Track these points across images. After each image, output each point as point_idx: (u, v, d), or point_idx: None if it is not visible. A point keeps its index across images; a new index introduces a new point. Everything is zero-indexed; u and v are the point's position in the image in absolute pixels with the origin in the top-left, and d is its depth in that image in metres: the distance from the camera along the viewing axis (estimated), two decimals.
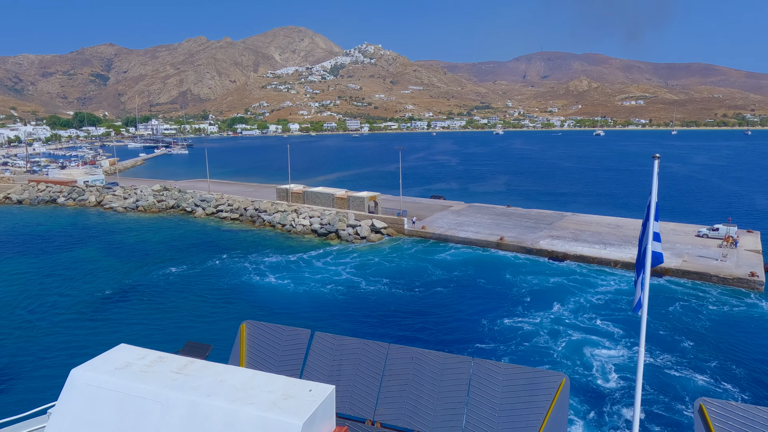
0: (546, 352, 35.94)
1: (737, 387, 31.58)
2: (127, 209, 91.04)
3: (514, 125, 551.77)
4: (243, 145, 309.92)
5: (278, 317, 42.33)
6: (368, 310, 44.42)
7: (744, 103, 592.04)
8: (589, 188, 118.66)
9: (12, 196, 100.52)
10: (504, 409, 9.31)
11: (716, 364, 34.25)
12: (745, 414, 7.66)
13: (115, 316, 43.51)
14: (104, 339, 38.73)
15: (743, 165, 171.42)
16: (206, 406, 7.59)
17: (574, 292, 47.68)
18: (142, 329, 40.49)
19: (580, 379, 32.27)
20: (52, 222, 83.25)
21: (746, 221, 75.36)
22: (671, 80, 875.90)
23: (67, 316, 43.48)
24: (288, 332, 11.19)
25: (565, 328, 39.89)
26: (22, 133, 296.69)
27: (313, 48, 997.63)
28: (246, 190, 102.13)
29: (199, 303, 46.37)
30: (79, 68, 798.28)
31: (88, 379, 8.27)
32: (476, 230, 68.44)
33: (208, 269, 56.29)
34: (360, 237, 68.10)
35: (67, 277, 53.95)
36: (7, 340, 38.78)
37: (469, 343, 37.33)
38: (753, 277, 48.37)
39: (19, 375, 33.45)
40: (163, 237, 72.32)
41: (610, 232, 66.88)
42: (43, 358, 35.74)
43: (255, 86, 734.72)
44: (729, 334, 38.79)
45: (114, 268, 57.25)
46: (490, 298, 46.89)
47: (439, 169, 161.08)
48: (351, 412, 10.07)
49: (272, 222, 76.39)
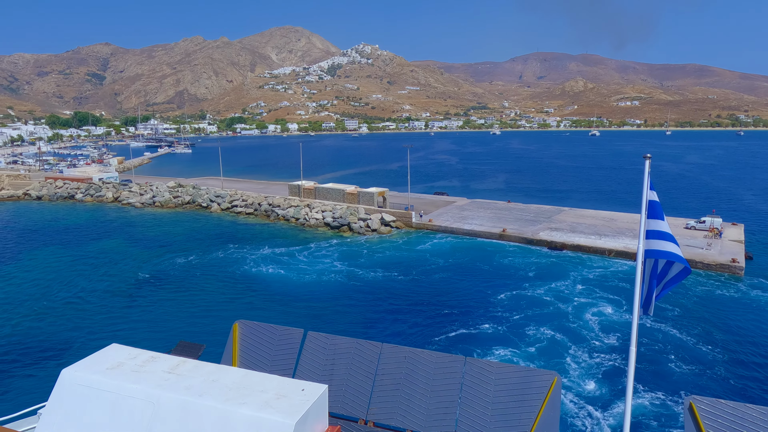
0: (548, 318, 40.45)
1: (716, 350, 36.19)
2: (145, 205, 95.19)
3: (510, 125, 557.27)
4: (243, 145, 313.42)
5: (311, 297, 46.76)
6: (391, 289, 48.91)
7: (738, 104, 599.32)
8: (584, 185, 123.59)
9: (31, 192, 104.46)
10: (496, 407, 9.42)
11: (698, 332, 38.90)
12: (735, 412, 7.74)
13: (151, 295, 47.77)
14: (144, 317, 43.14)
15: (733, 164, 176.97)
16: (198, 406, 7.64)
17: (570, 274, 52.42)
18: (175, 310, 44.84)
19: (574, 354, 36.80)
20: (75, 217, 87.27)
21: (732, 215, 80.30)
22: (666, 81, 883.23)
23: (106, 299, 47.77)
24: (281, 332, 11.26)
25: (565, 297, 44.55)
26: (24, 133, 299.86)
27: (309, 48, 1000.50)
28: (256, 187, 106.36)
29: (230, 286, 50.65)
30: (75, 68, 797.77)
31: (79, 379, 8.29)
32: (480, 223, 73.02)
33: (229, 257, 60.56)
34: (371, 229, 72.53)
35: (97, 265, 58.10)
36: (57, 321, 43.05)
37: (484, 311, 41.88)
38: (734, 263, 53.15)
39: (71, 347, 37.67)
40: (184, 229, 76.54)
41: (604, 224, 71.56)
42: (95, 332, 40.02)
43: (252, 86, 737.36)
44: (710, 310, 43.48)
45: (143, 257, 61.42)
46: (498, 279, 51.72)
47: (439, 168, 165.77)
48: (344, 411, 10.15)
49: (286, 216, 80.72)
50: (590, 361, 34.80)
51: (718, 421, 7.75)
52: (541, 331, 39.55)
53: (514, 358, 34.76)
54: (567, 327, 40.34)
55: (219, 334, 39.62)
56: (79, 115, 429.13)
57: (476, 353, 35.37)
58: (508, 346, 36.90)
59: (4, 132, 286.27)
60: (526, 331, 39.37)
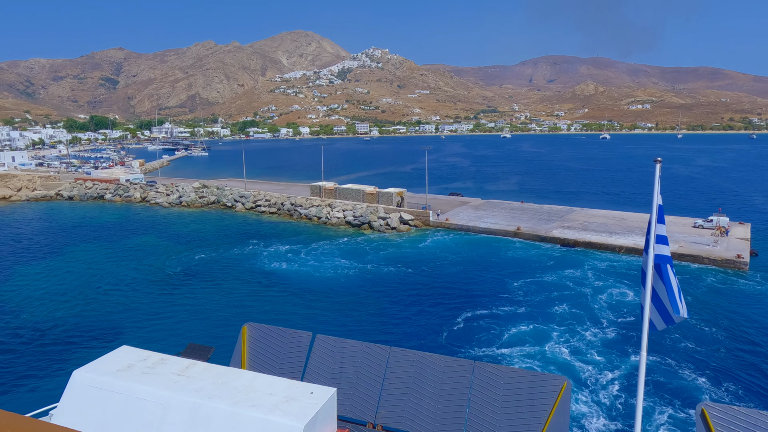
0: (563, 299, 43.72)
1: (720, 334, 39.25)
2: (172, 204, 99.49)
3: (521, 129, 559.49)
4: (257, 148, 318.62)
5: (344, 286, 50.35)
6: (416, 276, 52.43)
7: (751, 107, 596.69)
8: (595, 187, 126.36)
9: (63, 192, 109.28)
10: (505, 412, 9.37)
11: (703, 323, 41.99)
12: (748, 418, 7.63)
13: (194, 284, 51.59)
14: (185, 302, 46.89)
15: (743, 166, 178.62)
16: (208, 408, 7.75)
17: (583, 265, 55.67)
18: (207, 302, 48.65)
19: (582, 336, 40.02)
20: (108, 215, 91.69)
21: (740, 215, 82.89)
22: (678, 84, 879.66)
23: (151, 287, 51.70)
24: (289, 335, 11.36)
25: (579, 282, 47.86)
26: (44, 136, 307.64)
27: (320, 52, 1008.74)
28: (276, 188, 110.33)
29: (264, 277, 54.37)
30: (89, 72, 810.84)
31: (90, 381, 8.44)
32: (495, 221, 76.30)
33: (257, 252, 64.32)
34: (390, 228, 76.07)
35: (136, 258, 62.12)
36: (106, 309, 46.98)
37: (504, 295, 45.26)
38: (739, 258, 56.04)
39: (124, 331, 41.47)
40: (213, 227, 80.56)
41: (615, 223, 74.54)
42: (153, 314, 43.87)
43: (263, 90, 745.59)
44: (715, 302, 46.49)
45: (178, 252, 65.36)
46: (515, 270, 55.30)
47: (452, 170, 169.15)
48: (352, 414, 10.18)
49: (308, 215, 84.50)
50: (601, 346, 37.99)
51: (731, 428, 7.64)
52: (555, 310, 43.22)
53: (528, 339, 37.99)
54: (581, 304, 43.87)
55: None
56: (96, 119, 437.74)
57: (496, 331, 38.68)
58: (526, 322, 40.16)
59: (26, 135, 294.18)
60: (542, 310, 43.00)
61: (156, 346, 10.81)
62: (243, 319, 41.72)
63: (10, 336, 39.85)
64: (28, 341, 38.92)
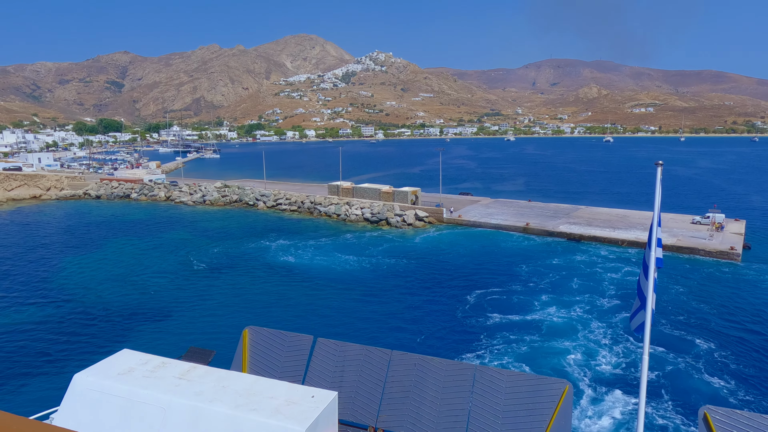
0: (569, 279, 48.58)
1: (711, 315, 44.03)
2: (196, 203, 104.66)
3: (524, 132, 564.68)
4: (266, 151, 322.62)
5: (371, 272, 55.27)
6: (435, 265, 57.34)
7: (755, 111, 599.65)
8: (599, 187, 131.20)
9: (90, 192, 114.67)
10: (507, 416, 9.38)
11: (698, 307, 46.79)
12: (751, 423, 7.60)
13: (224, 276, 56.58)
14: (217, 291, 51.85)
15: (743, 168, 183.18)
16: (209, 412, 7.75)
17: (589, 253, 60.59)
18: (240, 292, 53.63)
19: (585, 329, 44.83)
20: (137, 213, 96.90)
21: (736, 212, 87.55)
22: (682, 87, 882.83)
23: (192, 278, 56.72)
24: (290, 338, 11.36)
25: (586, 265, 52.75)
26: (57, 139, 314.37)
27: (324, 56, 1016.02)
28: (294, 188, 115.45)
29: (293, 268, 59.33)
30: (95, 76, 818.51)
31: (91, 385, 8.42)
32: (505, 218, 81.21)
33: (282, 246, 69.25)
34: (407, 224, 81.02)
35: (169, 251, 67.13)
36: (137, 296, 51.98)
37: (512, 284, 50.10)
38: (732, 250, 60.83)
39: (169, 315, 46.41)
40: (238, 224, 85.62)
41: (618, 220, 79.33)
42: (182, 302, 48.84)
43: (268, 93, 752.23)
44: (711, 289, 51.31)
45: (206, 246, 70.39)
46: (525, 258, 60.22)
47: (460, 172, 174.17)
48: (353, 418, 10.20)
49: (328, 213, 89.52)
50: (605, 327, 42.77)
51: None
52: (562, 289, 47.95)
53: (535, 317, 42.80)
54: (589, 287, 48.67)
55: (291, 314, 48.40)
56: (105, 122, 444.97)
57: (508, 311, 43.53)
58: (534, 297, 44.99)
59: (40, 138, 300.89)
60: (550, 290, 47.67)
61: (214, 343, 11.69)
62: (280, 306, 46.72)
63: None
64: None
